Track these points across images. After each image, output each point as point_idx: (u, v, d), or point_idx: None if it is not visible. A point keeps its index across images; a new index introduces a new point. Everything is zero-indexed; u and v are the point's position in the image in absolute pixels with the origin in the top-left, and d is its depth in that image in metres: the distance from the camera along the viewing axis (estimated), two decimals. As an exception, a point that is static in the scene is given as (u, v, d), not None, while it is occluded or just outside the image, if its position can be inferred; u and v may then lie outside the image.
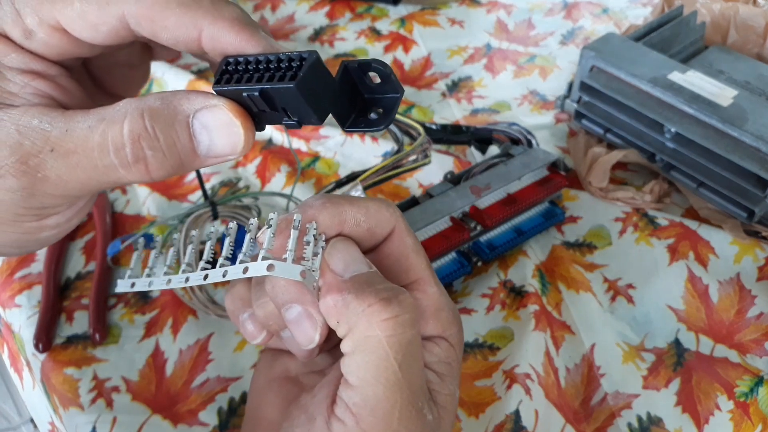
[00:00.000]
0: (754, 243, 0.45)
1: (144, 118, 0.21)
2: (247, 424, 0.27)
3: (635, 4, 0.73)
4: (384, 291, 0.21)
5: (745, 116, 0.45)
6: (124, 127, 0.20)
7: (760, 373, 0.38)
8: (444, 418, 0.23)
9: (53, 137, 0.20)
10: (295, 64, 0.20)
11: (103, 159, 0.21)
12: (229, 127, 0.21)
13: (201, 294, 0.43)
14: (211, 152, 0.22)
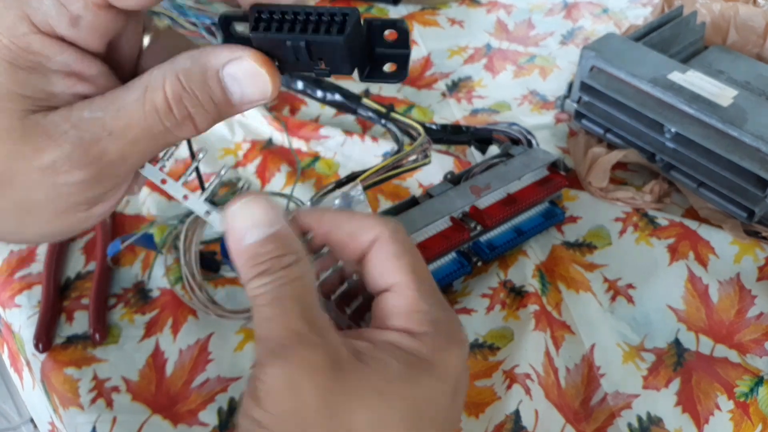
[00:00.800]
0: (754, 243, 0.45)
1: (180, 79, 0.22)
2: None
3: (635, 4, 0.73)
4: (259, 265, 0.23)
5: (745, 116, 0.45)
6: (167, 91, 0.22)
7: (760, 373, 0.38)
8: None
9: (108, 121, 0.22)
10: (338, 19, 0.22)
11: (157, 125, 0.22)
12: (256, 75, 0.23)
13: (201, 294, 0.43)
14: (245, 99, 0.23)
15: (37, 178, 0.22)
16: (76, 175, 0.22)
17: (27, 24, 0.21)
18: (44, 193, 0.22)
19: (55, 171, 0.22)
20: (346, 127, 0.57)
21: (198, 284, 0.43)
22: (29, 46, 0.21)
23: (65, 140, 0.21)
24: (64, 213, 0.23)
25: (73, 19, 0.21)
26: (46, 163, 0.21)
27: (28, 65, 0.21)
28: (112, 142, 0.22)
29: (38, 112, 0.21)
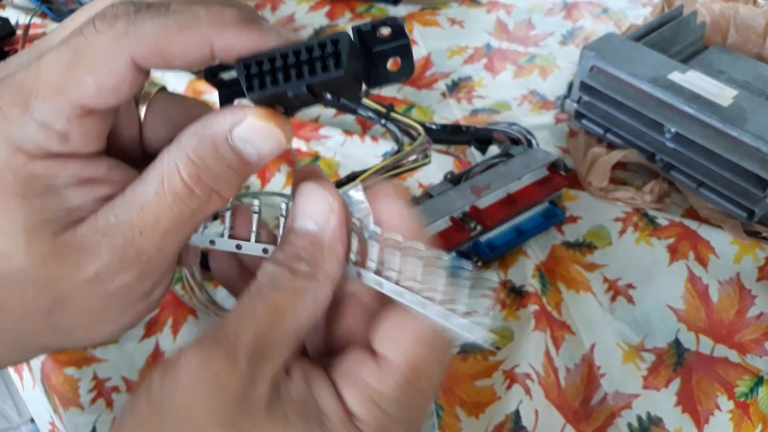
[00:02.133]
0: (754, 243, 0.45)
1: (192, 159, 0.22)
2: None
3: (635, 4, 0.73)
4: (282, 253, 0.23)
5: (745, 116, 0.45)
6: (183, 176, 0.21)
7: (760, 373, 0.38)
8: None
9: (136, 222, 0.22)
10: (330, 49, 0.21)
11: (184, 211, 0.22)
12: (265, 131, 0.22)
13: (201, 294, 0.43)
14: (262, 155, 0.23)
15: (88, 291, 0.22)
16: (122, 279, 0.22)
17: (21, 155, 0.21)
18: (99, 302, 0.22)
19: (101, 281, 0.22)
20: (346, 127, 0.57)
21: (198, 284, 0.43)
22: (32, 174, 0.21)
23: (101, 250, 0.21)
24: (126, 310, 0.23)
25: (62, 136, 0.21)
26: (89, 275, 0.21)
27: (39, 191, 0.21)
28: (145, 240, 0.22)
29: (67, 230, 0.21)
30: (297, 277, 0.22)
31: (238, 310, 0.21)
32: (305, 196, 0.23)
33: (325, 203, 0.23)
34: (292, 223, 0.23)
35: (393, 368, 0.22)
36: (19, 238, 0.21)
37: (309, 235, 0.23)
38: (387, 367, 0.22)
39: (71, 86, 0.20)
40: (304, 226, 0.23)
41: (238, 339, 0.21)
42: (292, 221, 0.23)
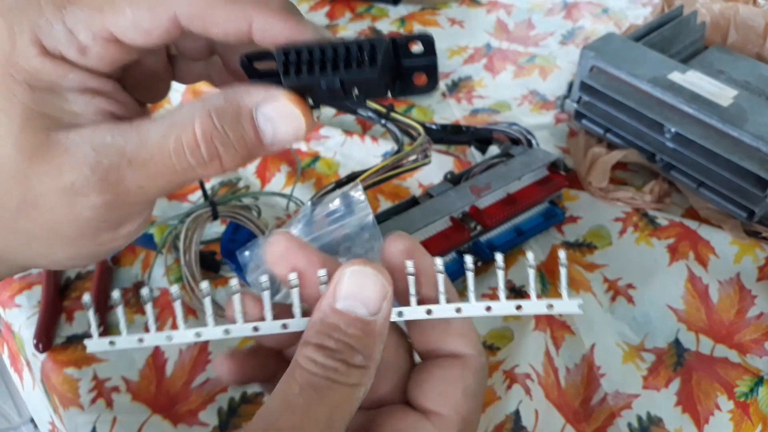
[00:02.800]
0: (754, 243, 0.45)
1: (212, 117, 0.21)
2: None
3: (635, 4, 0.73)
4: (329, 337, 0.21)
5: (745, 116, 0.45)
6: (196, 129, 0.21)
7: (760, 373, 0.38)
8: None
9: (129, 151, 0.21)
10: (367, 50, 0.22)
11: (181, 162, 0.21)
12: (290, 116, 0.22)
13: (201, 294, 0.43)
14: (276, 140, 0.22)
15: (58, 200, 0.21)
16: (93, 199, 0.21)
17: (37, 47, 0.21)
18: (66, 215, 0.22)
19: (74, 192, 0.21)
20: (346, 127, 0.57)
21: (198, 284, 0.43)
22: (41, 67, 0.21)
23: (84, 162, 0.21)
24: (89, 235, 0.23)
25: (81, 49, 0.21)
26: (65, 183, 0.21)
27: (44, 85, 0.21)
28: (130, 172, 0.21)
29: (60, 130, 0.21)
30: (353, 371, 0.21)
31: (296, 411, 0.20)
32: (360, 279, 0.22)
33: (382, 291, 0.22)
34: (335, 302, 0.22)
35: (448, 423, 0.22)
36: (14, 123, 0.21)
37: (360, 322, 0.21)
38: (443, 424, 0.22)
39: (110, 10, 0.21)
40: (354, 310, 0.22)
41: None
42: (336, 300, 0.22)
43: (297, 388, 0.20)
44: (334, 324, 0.21)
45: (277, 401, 0.20)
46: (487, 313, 0.22)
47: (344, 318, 0.21)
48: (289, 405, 0.20)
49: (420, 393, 0.23)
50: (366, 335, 0.21)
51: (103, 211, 0.22)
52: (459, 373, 0.23)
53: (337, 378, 0.20)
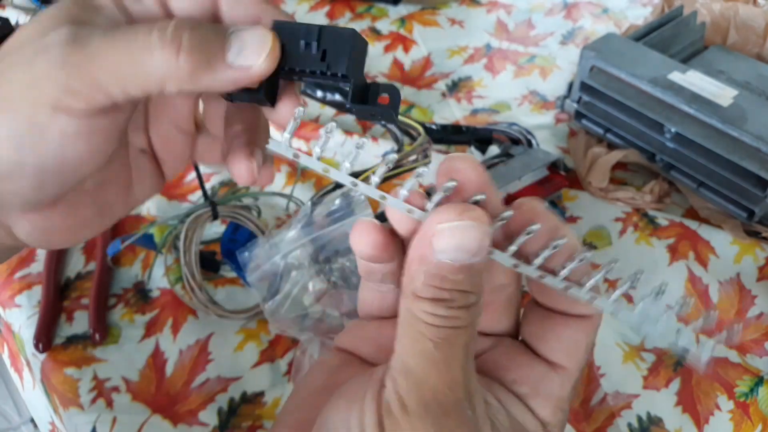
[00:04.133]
0: (755, 243, 0.45)
1: (190, 20, 0.22)
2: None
3: (635, 5, 0.73)
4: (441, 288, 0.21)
5: (745, 116, 0.45)
6: (172, 21, 0.22)
7: (760, 373, 0.38)
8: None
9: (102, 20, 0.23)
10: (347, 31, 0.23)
11: (144, 37, 0.22)
12: (261, 37, 0.22)
13: (201, 294, 0.43)
14: (240, 58, 0.22)
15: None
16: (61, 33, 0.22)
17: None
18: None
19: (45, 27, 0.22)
20: (346, 127, 0.57)
21: (198, 284, 0.43)
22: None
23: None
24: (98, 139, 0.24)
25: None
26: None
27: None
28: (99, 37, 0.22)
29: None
30: (471, 310, 0.21)
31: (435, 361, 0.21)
32: (460, 233, 0.21)
33: (482, 236, 0.21)
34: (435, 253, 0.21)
35: (570, 376, 0.24)
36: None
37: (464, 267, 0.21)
38: (566, 376, 0.24)
39: None
40: (457, 259, 0.21)
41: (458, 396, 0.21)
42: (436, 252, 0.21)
43: (431, 345, 0.21)
44: (440, 275, 0.21)
45: (416, 359, 0.21)
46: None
47: (448, 267, 0.21)
48: (431, 361, 0.21)
49: (548, 348, 0.24)
50: (472, 275, 0.21)
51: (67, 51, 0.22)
52: (584, 333, 0.24)
53: (461, 324, 0.21)
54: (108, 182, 0.27)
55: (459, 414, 0.20)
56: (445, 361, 0.21)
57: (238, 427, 0.38)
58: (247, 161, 0.27)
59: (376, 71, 0.65)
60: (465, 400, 0.21)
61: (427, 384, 0.20)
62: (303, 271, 0.40)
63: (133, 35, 0.22)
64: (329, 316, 0.40)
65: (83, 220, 0.26)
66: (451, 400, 0.20)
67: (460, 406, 0.20)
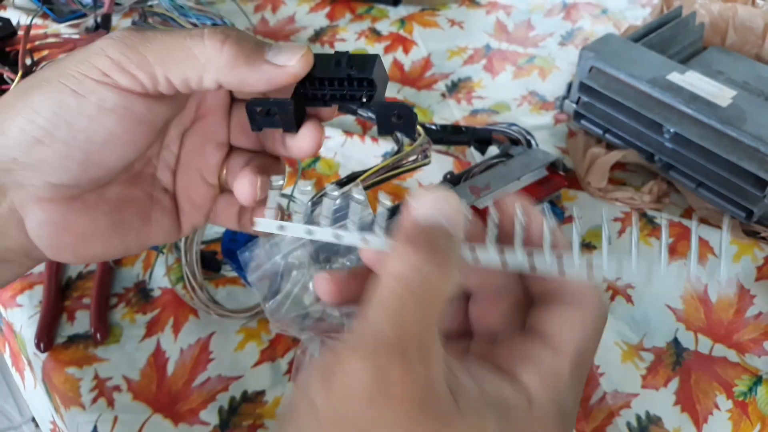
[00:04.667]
0: (753, 243, 0.45)
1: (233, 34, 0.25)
2: None
3: (634, 5, 0.73)
4: (415, 237, 0.21)
5: (743, 116, 0.45)
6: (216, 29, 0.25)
7: (758, 373, 0.39)
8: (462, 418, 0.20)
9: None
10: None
11: (197, 31, 0.24)
12: (297, 46, 0.25)
13: (202, 293, 0.43)
14: (277, 56, 0.24)
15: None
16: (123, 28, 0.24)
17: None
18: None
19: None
20: (347, 128, 0.57)
21: (199, 284, 0.44)
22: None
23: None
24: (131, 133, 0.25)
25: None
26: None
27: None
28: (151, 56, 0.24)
29: None
30: (441, 266, 0.21)
31: (388, 308, 0.20)
32: (437, 198, 0.23)
33: (459, 208, 0.23)
34: (416, 216, 0.22)
35: (564, 351, 0.23)
36: None
37: (441, 228, 0.22)
38: (560, 350, 0.23)
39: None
40: (436, 220, 0.22)
41: (403, 341, 0.19)
42: (417, 215, 0.22)
43: (387, 290, 0.20)
44: (418, 230, 0.22)
45: (373, 305, 0.20)
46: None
47: (425, 226, 0.22)
48: (385, 307, 0.20)
49: (539, 324, 0.24)
50: (450, 242, 0.22)
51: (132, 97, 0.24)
52: (580, 313, 0.24)
53: (425, 273, 0.21)
54: (129, 202, 0.28)
55: (402, 361, 0.19)
56: (397, 308, 0.20)
57: (239, 426, 0.38)
58: (253, 176, 0.28)
59: (376, 72, 0.66)
60: (414, 352, 0.19)
61: (375, 326, 0.20)
62: (303, 271, 0.40)
63: (187, 30, 0.24)
64: (330, 316, 0.40)
65: (97, 228, 0.27)
66: (395, 344, 0.19)
67: (406, 355, 0.19)
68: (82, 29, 0.66)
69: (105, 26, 0.64)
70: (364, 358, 0.19)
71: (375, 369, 0.19)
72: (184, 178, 0.30)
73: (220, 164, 0.30)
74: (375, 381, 0.19)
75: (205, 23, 0.65)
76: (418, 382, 0.19)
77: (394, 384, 0.19)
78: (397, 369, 0.19)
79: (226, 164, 0.30)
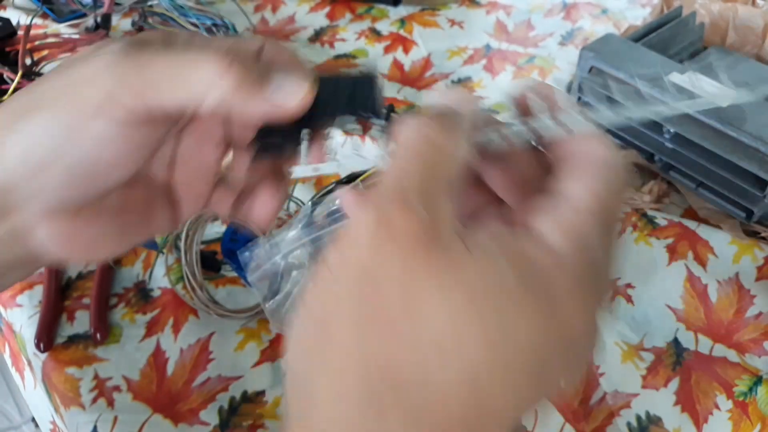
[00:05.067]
0: (753, 243, 0.45)
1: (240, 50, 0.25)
2: None
3: (634, 5, 0.73)
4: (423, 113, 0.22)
5: (743, 117, 0.45)
6: (226, 44, 0.24)
7: (759, 373, 0.39)
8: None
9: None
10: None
11: (197, 52, 0.23)
12: (299, 81, 0.24)
13: (202, 293, 0.43)
14: (277, 92, 0.24)
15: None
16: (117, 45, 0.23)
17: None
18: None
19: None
20: (347, 128, 0.57)
21: (199, 284, 0.44)
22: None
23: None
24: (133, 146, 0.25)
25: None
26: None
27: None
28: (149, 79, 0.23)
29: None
30: (446, 131, 0.21)
31: (393, 167, 0.20)
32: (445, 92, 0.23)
33: (467, 97, 0.23)
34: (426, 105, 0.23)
35: (586, 203, 0.20)
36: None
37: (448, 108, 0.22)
38: (580, 203, 0.20)
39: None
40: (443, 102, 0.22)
41: (404, 187, 0.19)
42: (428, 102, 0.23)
43: (395, 152, 0.20)
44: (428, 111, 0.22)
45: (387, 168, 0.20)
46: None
47: (437, 107, 0.22)
48: (390, 170, 0.20)
49: (559, 179, 0.22)
50: (457, 115, 0.22)
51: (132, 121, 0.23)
52: (595, 170, 0.22)
53: (430, 134, 0.20)
54: (130, 204, 0.28)
55: (403, 205, 0.19)
56: (401, 164, 0.20)
57: (239, 426, 0.38)
58: (270, 200, 0.28)
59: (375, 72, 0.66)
60: (416, 196, 0.19)
61: (381, 184, 0.20)
62: (303, 271, 0.40)
63: (186, 50, 0.23)
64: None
65: (103, 234, 0.27)
66: (397, 190, 0.19)
67: (407, 198, 0.19)
68: (82, 29, 0.66)
69: (105, 26, 0.64)
70: (368, 209, 0.19)
71: (377, 214, 0.19)
72: (182, 172, 0.29)
73: (220, 158, 0.30)
74: (377, 224, 0.19)
75: (205, 23, 0.65)
76: (421, 223, 0.18)
77: (395, 225, 0.18)
78: (398, 210, 0.19)
79: (228, 158, 0.30)
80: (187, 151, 0.29)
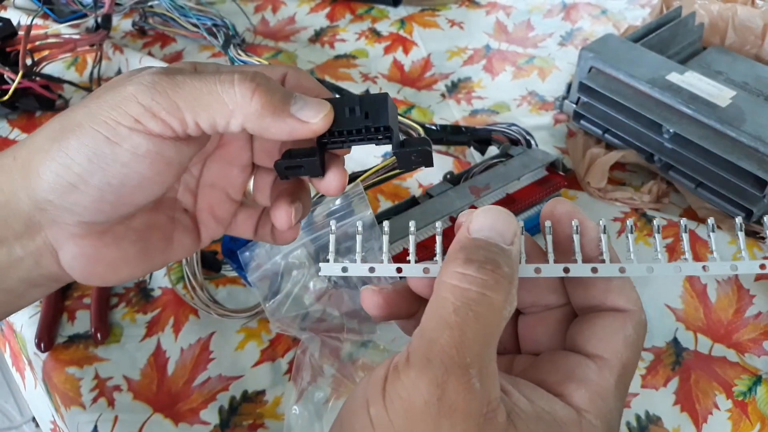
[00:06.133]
0: (753, 243, 0.46)
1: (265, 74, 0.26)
2: None
3: (634, 6, 0.73)
4: (475, 253, 0.22)
5: (743, 117, 0.45)
6: (252, 70, 0.25)
7: (758, 373, 0.39)
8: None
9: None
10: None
11: (227, 76, 0.25)
12: (320, 102, 0.26)
13: (202, 293, 0.43)
14: (301, 111, 0.25)
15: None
16: (154, 69, 0.25)
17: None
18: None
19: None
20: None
21: (199, 284, 0.44)
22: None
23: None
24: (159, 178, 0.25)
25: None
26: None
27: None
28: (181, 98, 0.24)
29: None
30: (501, 283, 0.21)
31: (449, 324, 0.20)
32: (493, 215, 0.23)
33: (514, 225, 0.24)
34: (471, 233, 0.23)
35: (610, 366, 0.23)
36: None
37: (497, 247, 0.22)
38: (605, 366, 0.23)
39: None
40: (491, 238, 0.23)
41: (464, 359, 0.20)
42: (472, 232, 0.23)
43: (451, 307, 0.21)
44: (474, 244, 0.22)
45: (433, 322, 0.21)
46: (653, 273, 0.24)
47: (483, 243, 0.22)
48: (446, 324, 0.21)
49: (582, 339, 0.24)
50: (505, 255, 0.22)
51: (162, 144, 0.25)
52: (620, 323, 0.24)
53: (486, 291, 0.21)
54: (153, 227, 0.29)
55: (462, 378, 0.20)
56: (460, 325, 0.20)
57: (239, 426, 0.38)
58: (288, 207, 0.29)
59: (375, 72, 0.66)
60: (473, 369, 0.20)
61: (437, 343, 0.20)
62: (303, 271, 0.40)
63: (217, 74, 0.25)
64: (330, 316, 0.41)
65: (126, 256, 0.28)
66: (456, 362, 0.20)
67: (466, 372, 0.20)
68: (82, 29, 0.66)
69: (105, 26, 0.64)
70: (423, 372, 0.20)
71: (435, 383, 0.20)
72: (206, 196, 0.31)
73: (245, 182, 0.31)
74: (435, 395, 0.19)
75: (205, 23, 0.65)
76: (476, 399, 0.20)
77: (454, 400, 0.19)
78: (458, 385, 0.20)
79: (252, 181, 0.31)
80: (212, 176, 0.30)
